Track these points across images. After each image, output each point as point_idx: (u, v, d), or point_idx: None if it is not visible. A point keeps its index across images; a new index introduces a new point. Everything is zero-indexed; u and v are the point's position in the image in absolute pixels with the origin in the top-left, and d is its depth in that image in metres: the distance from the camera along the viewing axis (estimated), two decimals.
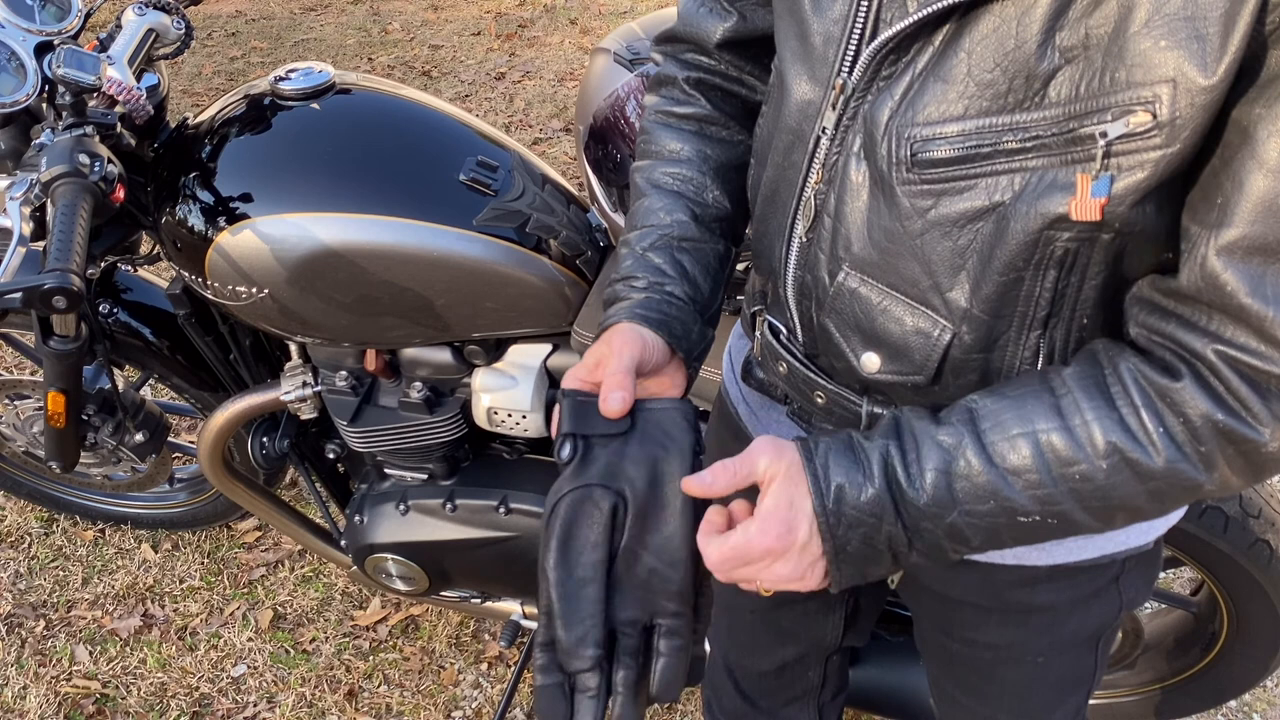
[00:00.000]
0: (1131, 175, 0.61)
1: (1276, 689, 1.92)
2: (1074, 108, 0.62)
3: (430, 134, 1.33)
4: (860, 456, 0.72)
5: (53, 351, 1.37)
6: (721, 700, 1.28)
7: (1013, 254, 0.67)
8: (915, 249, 0.72)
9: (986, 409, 0.71)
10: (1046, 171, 0.64)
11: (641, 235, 0.91)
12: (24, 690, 1.88)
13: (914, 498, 0.70)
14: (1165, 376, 0.65)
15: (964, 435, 0.70)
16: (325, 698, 1.89)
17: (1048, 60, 0.62)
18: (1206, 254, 0.61)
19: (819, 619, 1.15)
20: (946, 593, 0.97)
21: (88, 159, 1.13)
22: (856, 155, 0.73)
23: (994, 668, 1.01)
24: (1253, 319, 0.60)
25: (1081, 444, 0.67)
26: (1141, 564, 0.94)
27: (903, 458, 0.71)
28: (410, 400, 1.42)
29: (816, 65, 0.75)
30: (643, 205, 0.92)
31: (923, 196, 0.69)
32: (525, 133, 3.83)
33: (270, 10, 5.01)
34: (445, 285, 1.28)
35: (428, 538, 1.53)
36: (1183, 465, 0.65)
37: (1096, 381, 0.68)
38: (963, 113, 0.66)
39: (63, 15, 1.28)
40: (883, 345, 0.78)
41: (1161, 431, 0.65)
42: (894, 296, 0.75)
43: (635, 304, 0.86)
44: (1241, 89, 0.58)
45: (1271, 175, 0.58)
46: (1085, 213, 0.63)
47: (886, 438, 0.73)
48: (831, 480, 0.71)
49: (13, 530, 2.21)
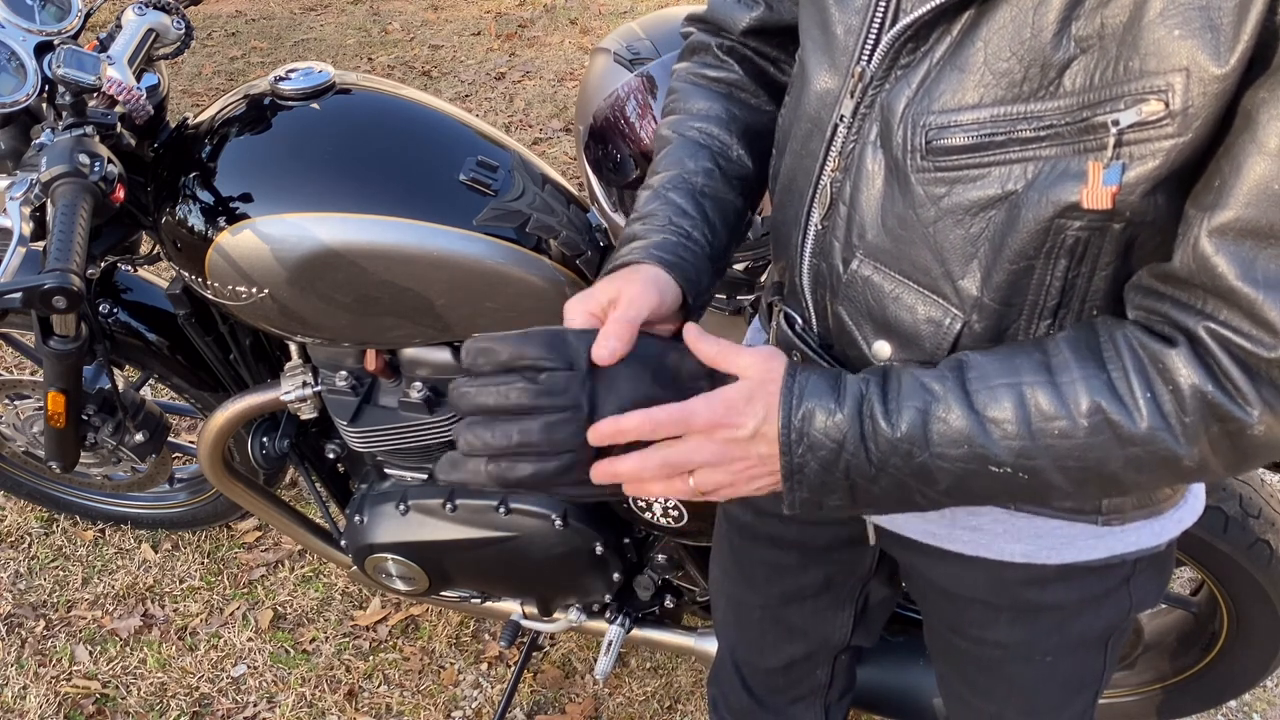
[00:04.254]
0: (1143, 164, 0.62)
1: (1276, 689, 1.92)
2: (1088, 97, 0.62)
3: (430, 134, 1.33)
4: (837, 386, 0.73)
5: (53, 351, 1.36)
6: (728, 698, 1.28)
7: (1024, 242, 0.68)
8: (928, 237, 0.72)
9: (974, 360, 0.71)
10: (1059, 160, 0.65)
11: (665, 179, 0.91)
12: (24, 690, 1.88)
13: (887, 432, 0.70)
14: (1160, 343, 0.65)
15: (948, 379, 0.71)
16: (325, 698, 1.89)
17: (1063, 49, 0.62)
18: (1199, 235, 0.61)
19: (828, 616, 1.15)
20: (956, 590, 0.97)
21: (88, 159, 1.12)
22: (873, 144, 0.74)
23: (1002, 666, 1.01)
24: (1243, 302, 0.60)
25: (1065, 400, 0.67)
26: (1152, 566, 0.94)
27: (882, 393, 0.72)
28: (410, 400, 1.42)
29: (837, 55, 0.76)
30: (667, 152, 0.93)
31: (937, 184, 0.70)
32: (525, 133, 3.83)
33: (270, 10, 5.01)
34: (445, 285, 1.28)
35: (428, 538, 1.53)
36: (1164, 434, 0.65)
37: (1090, 345, 0.68)
38: (978, 101, 0.66)
39: (63, 15, 1.28)
40: (894, 333, 0.78)
41: (1149, 397, 0.65)
42: (906, 284, 0.76)
43: (653, 244, 0.85)
44: (1250, 76, 0.58)
45: (1269, 159, 0.58)
46: (1096, 201, 0.63)
47: (871, 374, 0.74)
48: (805, 401, 0.72)
49: (13, 530, 2.21)
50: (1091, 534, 0.87)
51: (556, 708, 1.88)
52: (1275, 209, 0.58)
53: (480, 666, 1.95)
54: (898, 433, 0.70)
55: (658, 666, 1.96)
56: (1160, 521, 0.88)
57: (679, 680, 1.94)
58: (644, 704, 1.90)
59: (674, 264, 0.84)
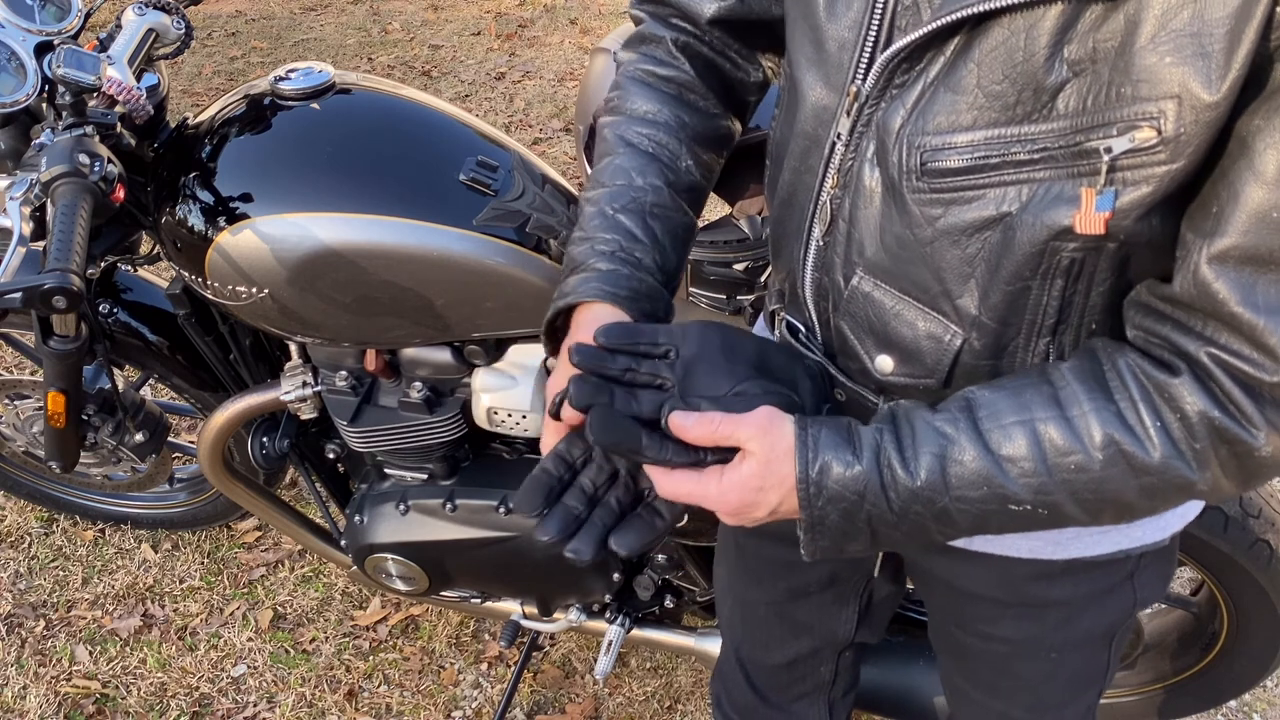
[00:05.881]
0: (1136, 190, 0.62)
1: (1276, 689, 1.92)
2: (1080, 121, 0.62)
3: (430, 134, 1.33)
4: (852, 438, 0.73)
5: (53, 351, 1.36)
6: (732, 694, 1.28)
7: (1020, 264, 0.68)
8: (925, 256, 0.72)
9: (983, 398, 0.71)
10: (1053, 184, 0.64)
11: (612, 195, 0.88)
12: (24, 690, 1.88)
13: (907, 481, 0.70)
14: (1163, 372, 0.65)
15: (960, 422, 0.71)
16: (325, 698, 1.89)
17: (1056, 73, 0.62)
18: (1199, 262, 0.61)
19: (833, 612, 1.15)
20: (962, 586, 0.97)
21: (88, 159, 1.12)
22: (870, 161, 0.74)
23: (1008, 662, 1.02)
24: (1244, 327, 0.61)
25: (1079, 434, 0.67)
26: (1157, 561, 0.94)
27: (897, 442, 0.71)
28: (410, 400, 1.42)
29: (831, 71, 0.76)
30: (612, 163, 0.89)
31: (932, 205, 0.70)
32: (525, 133, 3.83)
33: (270, 10, 5.01)
34: (445, 285, 1.28)
35: (428, 538, 1.53)
36: (1177, 462, 0.65)
37: (1095, 375, 0.68)
38: (972, 123, 0.66)
39: (63, 15, 1.28)
40: (896, 348, 0.78)
41: (1159, 426, 0.65)
42: (906, 301, 0.76)
43: (604, 275, 0.84)
44: (1243, 101, 0.58)
45: (1266, 187, 0.58)
46: (1089, 226, 0.63)
47: (881, 423, 0.74)
48: (820, 454, 0.72)
49: (13, 530, 2.21)
50: (1098, 529, 0.87)
51: (556, 708, 1.88)
52: (1273, 236, 0.58)
53: (480, 666, 1.95)
54: (917, 481, 0.70)
55: (658, 666, 1.96)
56: (1165, 516, 0.89)
57: (679, 680, 1.94)
58: (644, 704, 1.90)
59: (627, 298, 0.83)
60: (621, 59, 0.95)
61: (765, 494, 0.72)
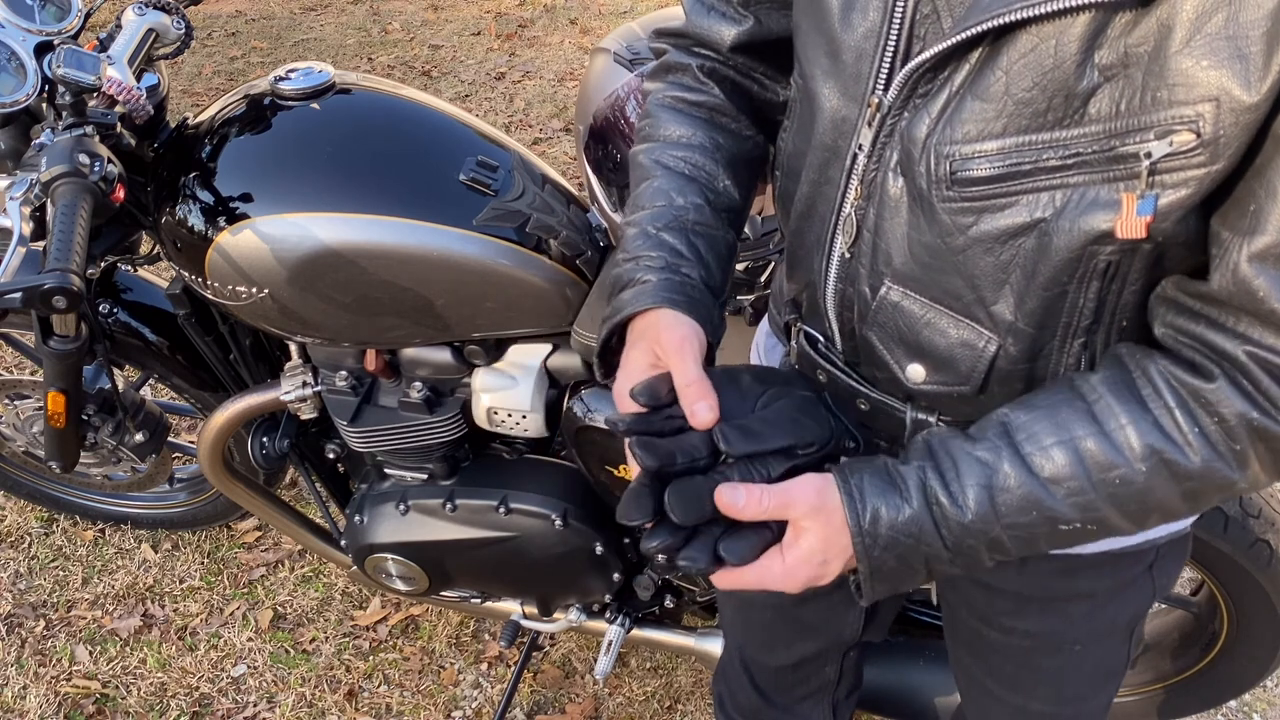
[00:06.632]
0: (1175, 193, 0.62)
1: (1276, 689, 1.92)
2: (1115, 125, 0.62)
3: (430, 134, 1.33)
4: (896, 480, 0.73)
5: (53, 351, 1.36)
6: (735, 695, 1.28)
7: (1057, 269, 0.68)
8: (958, 264, 0.72)
9: (1019, 421, 0.71)
10: (1089, 188, 0.64)
11: (654, 215, 0.87)
12: (24, 690, 1.88)
13: (958, 516, 0.71)
14: (1197, 377, 0.66)
15: (1001, 449, 0.71)
16: (325, 698, 1.89)
17: (1087, 79, 0.62)
18: (1239, 260, 0.62)
19: (840, 612, 1.15)
20: (987, 581, 0.97)
21: (88, 159, 1.12)
22: (893, 170, 0.73)
23: (1031, 656, 1.02)
24: None
25: (1120, 448, 0.67)
26: (1174, 550, 0.95)
27: (941, 477, 0.72)
28: (410, 400, 1.42)
29: (848, 82, 0.75)
30: (651, 186, 0.89)
31: (964, 214, 0.69)
32: (525, 133, 3.83)
33: (270, 10, 5.01)
34: (445, 285, 1.28)
35: (428, 538, 1.53)
36: (1218, 464, 0.66)
37: (1127, 385, 0.69)
38: (1002, 130, 0.66)
39: (63, 15, 1.28)
40: (928, 357, 0.78)
41: (1196, 432, 0.66)
42: (938, 310, 0.75)
43: (658, 284, 0.82)
44: None
45: None
46: (1131, 230, 0.63)
47: (922, 460, 0.73)
48: (868, 504, 0.72)
49: (13, 530, 2.21)
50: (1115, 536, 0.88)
51: (556, 708, 1.88)
52: None
53: (480, 666, 1.95)
54: (968, 515, 0.71)
55: (658, 666, 1.96)
56: None
57: (679, 680, 1.94)
58: (644, 704, 1.90)
59: (686, 304, 0.82)
60: (648, 89, 0.95)
61: (829, 565, 0.73)
